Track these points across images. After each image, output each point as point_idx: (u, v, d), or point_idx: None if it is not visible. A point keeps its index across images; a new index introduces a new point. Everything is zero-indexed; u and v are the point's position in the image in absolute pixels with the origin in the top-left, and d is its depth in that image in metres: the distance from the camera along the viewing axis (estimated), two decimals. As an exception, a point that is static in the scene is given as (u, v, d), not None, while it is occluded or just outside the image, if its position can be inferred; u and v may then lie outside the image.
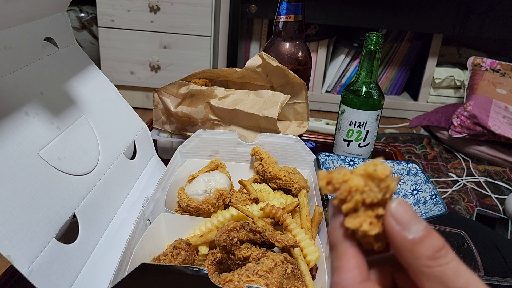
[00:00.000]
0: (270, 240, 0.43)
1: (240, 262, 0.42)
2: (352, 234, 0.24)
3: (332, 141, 0.83)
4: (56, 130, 0.46)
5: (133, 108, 0.64)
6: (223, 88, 0.71)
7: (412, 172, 0.72)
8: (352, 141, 0.77)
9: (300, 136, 0.66)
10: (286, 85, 0.75)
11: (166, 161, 0.63)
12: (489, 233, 0.77)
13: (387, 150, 0.95)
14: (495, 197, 1.56)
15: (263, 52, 0.71)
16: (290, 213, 0.50)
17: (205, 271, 0.34)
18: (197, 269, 0.34)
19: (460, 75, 2.17)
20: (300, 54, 0.76)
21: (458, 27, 1.98)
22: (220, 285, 0.35)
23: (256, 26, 2.22)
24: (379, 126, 0.78)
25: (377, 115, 0.75)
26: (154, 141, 0.72)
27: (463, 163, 1.79)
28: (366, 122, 0.74)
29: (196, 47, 1.94)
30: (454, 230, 0.49)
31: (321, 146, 0.93)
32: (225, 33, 2.05)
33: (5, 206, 0.36)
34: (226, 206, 0.54)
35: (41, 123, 0.45)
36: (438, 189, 1.39)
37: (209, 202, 0.52)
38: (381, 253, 0.26)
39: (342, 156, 0.75)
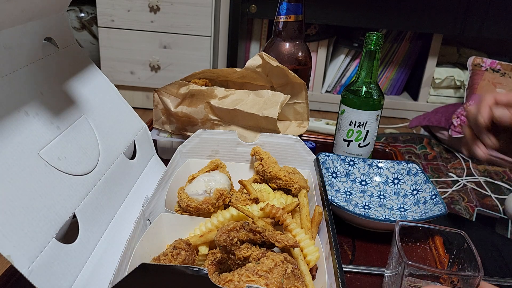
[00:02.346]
0: (270, 240, 0.43)
1: (240, 262, 0.42)
2: None
3: (332, 141, 0.83)
4: (56, 130, 0.46)
5: (133, 108, 0.64)
6: (223, 88, 0.71)
7: (412, 172, 0.72)
8: (352, 141, 0.77)
9: (300, 136, 0.66)
10: (286, 85, 0.75)
11: (166, 161, 0.63)
12: (488, 233, 0.77)
13: (387, 150, 0.95)
14: (495, 197, 1.57)
15: (263, 52, 0.71)
16: (290, 213, 0.50)
17: (205, 271, 0.34)
18: (197, 269, 0.34)
19: (460, 75, 2.17)
20: (300, 54, 0.76)
21: (458, 27, 1.98)
22: (220, 285, 0.35)
23: (256, 26, 2.22)
24: (379, 126, 0.78)
25: (377, 115, 0.75)
26: (154, 141, 0.72)
27: (463, 163, 1.79)
28: (366, 122, 0.74)
29: (196, 47, 1.94)
30: (454, 230, 0.49)
31: (321, 146, 0.93)
32: (225, 33, 2.06)
33: (5, 206, 0.36)
34: (226, 206, 0.54)
35: (41, 123, 0.45)
36: (438, 189, 1.39)
37: (209, 202, 0.52)
38: None
39: (342, 156, 0.75)
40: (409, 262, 0.42)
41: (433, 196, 0.66)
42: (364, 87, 0.74)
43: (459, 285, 0.42)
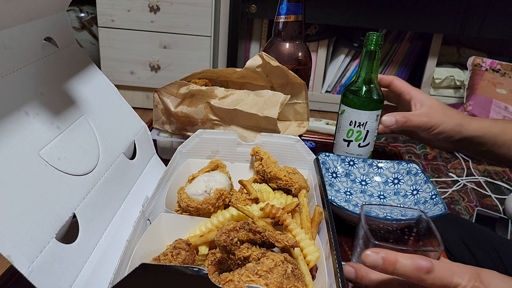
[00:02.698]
0: (270, 240, 0.43)
1: (240, 262, 0.42)
2: None
3: (332, 141, 0.83)
4: (56, 130, 0.46)
5: (133, 108, 0.64)
6: (223, 88, 0.71)
7: (412, 172, 0.72)
8: (352, 141, 0.77)
9: (300, 136, 0.66)
10: (286, 85, 0.75)
11: (166, 161, 0.63)
12: (487, 234, 0.77)
13: (387, 150, 0.95)
14: (495, 197, 1.57)
15: (263, 52, 0.71)
16: (290, 213, 0.50)
17: (205, 271, 0.34)
18: (197, 269, 0.34)
19: (460, 75, 2.17)
20: (300, 54, 0.76)
21: (458, 27, 1.98)
22: (220, 285, 0.35)
23: (256, 26, 2.22)
24: (379, 126, 0.78)
25: (377, 115, 0.75)
26: (154, 141, 0.72)
27: (463, 163, 1.79)
28: (366, 122, 0.74)
29: (196, 47, 1.94)
30: (413, 208, 0.52)
31: (321, 146, 0.93)
32: (225, 33, 2.06)
33: (5, 206, 0.36)
34: (226, 206, 0.55)
35: (41, 123, 0.45)
36: (438, 189, 1.39)
37: (209, 202, 0.52)
38: None
39: (342, 156, 0.75)
40: (376, 242, 0.44)
41: (433, 196, 0.66)
42: (364, 87, 0.74)
43: None
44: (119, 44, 1.96)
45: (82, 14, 2.08)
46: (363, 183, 0.74)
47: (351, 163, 0.75)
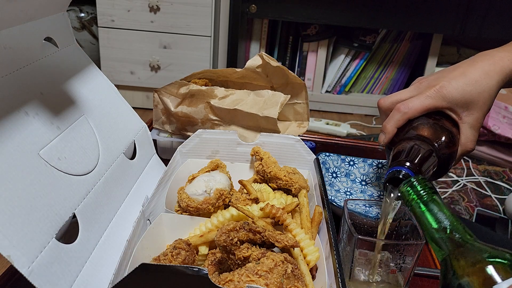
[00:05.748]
0: (270, 240, 0.43)
1: (240, 262, 0.42)
2: None
3: (332, 141, 0.83)
4: (56, 130, 0.46)
5: (133, 108, 0.64)
6: (223, 88, 0.71)
7: (412, 172, 0.72)
8: None
9: (300, 136, 0.66)
10: (286, 85, 0.75)
11: (166, 161, 0.63)
12: (488, 234, 0.77)
13: (387, 150, 0.94)
14: (495, 197, 1.56)
15: (263, 53, 0.71)
16: (290, 213, 0.50)
17: (205, 271, 0.34)
18: (197, 269, 0.34)
19: (460, 75, 2.16)
20: None
21: (458, 27, 1.98)
22: (220, 285, 0.35)
23: (256, 26, 2.22)
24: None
25: None
26: (154, 141, 0.72)
27: (463, 163, 1.79)
28: None
29: (196, 47, 1.94)
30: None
31: (321, 146, 0.93)
32: (225, 33, 2.05)
33: (5, 206, 0.36)
34: (226, 206, 0.55)
35: (41, 123, 0.45)
36: (438, 189, 1.39)
37: (209, 202, 0.52)
38: None
39: (342, 156, 0.75)
40: (359, 237, 0.45)
41: (433, 196, 0.66)
42: None
43: (405, 253, 0.46)
44: (119, 44, 1.96)
45: (82, 14, 2.08)
46: (363, 183, 0.74)
47: (351, 163, 0.75)
